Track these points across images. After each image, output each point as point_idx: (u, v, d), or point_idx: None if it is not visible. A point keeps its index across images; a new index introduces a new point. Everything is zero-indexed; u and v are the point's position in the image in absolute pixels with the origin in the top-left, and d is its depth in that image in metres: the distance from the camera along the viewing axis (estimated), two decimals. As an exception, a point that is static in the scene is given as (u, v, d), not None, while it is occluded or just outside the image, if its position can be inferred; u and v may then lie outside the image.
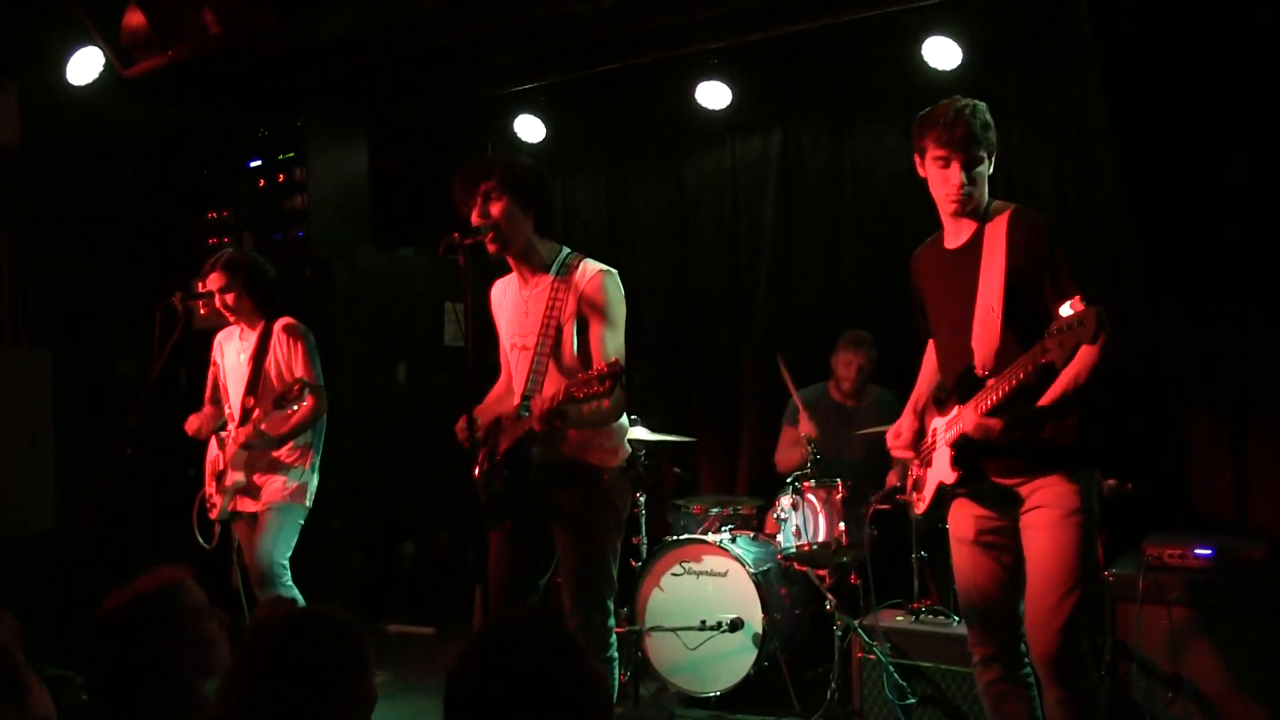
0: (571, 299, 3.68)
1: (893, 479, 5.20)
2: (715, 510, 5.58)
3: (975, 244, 3.32)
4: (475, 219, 3.63)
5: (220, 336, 5.08)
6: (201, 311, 6.64)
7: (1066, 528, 3.17)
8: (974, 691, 4.23)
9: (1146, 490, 4.89)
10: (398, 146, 7.60)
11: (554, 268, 3.75)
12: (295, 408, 4.63)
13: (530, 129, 6.98)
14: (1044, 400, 3.12)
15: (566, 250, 3.81)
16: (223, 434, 4.93)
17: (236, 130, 6.98)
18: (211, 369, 5.06)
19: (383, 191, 7.30)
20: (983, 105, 3.34)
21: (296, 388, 4.55)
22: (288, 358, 4.82)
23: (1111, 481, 4.86)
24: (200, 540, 4.91)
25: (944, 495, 3.44)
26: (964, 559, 3.43)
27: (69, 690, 3.96)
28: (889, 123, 6.19)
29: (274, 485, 4.80)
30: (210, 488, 4.91)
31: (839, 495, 4.92)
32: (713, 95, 6.32)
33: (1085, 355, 3.00)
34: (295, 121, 6.77)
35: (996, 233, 3.27)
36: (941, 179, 3.32)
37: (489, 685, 1.92)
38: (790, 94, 6.54)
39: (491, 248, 3.66)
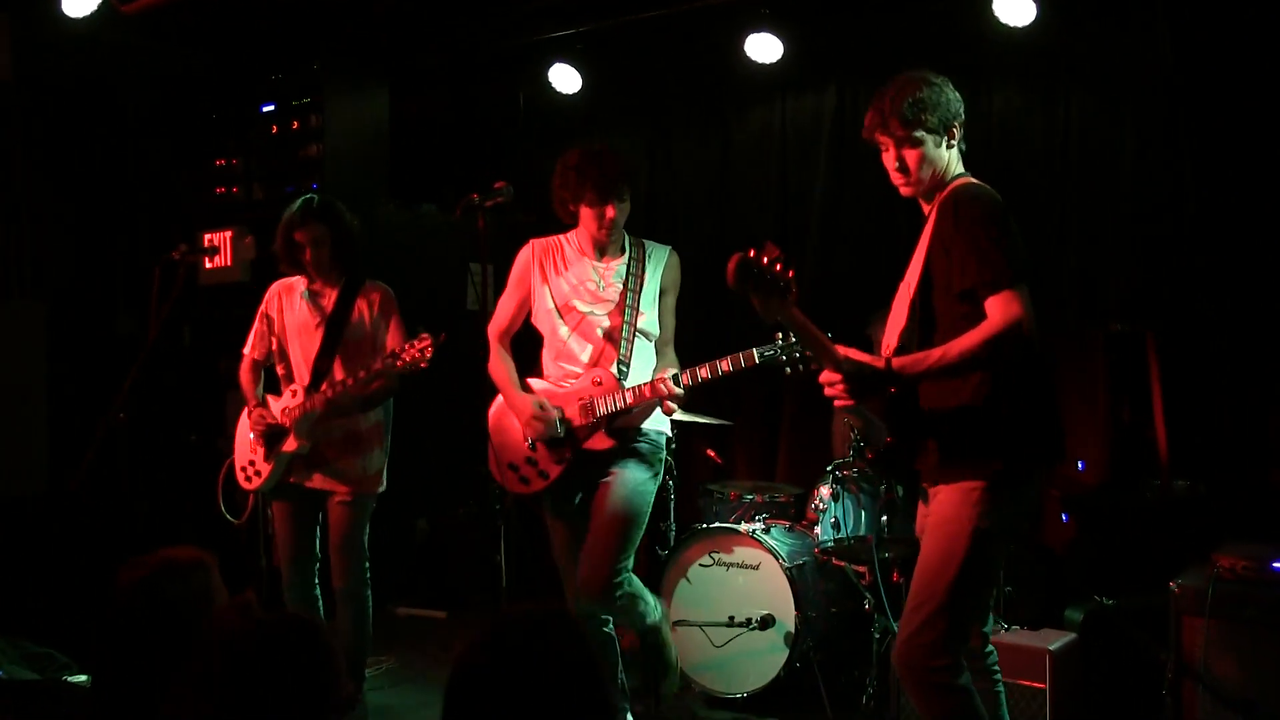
0: (652, 277, 4.29)
1: None
2: (750, 497, 5.52)
3: (925, 220, 3.36)
4: (610, 215, 4.16)
5: (279, 288, 4.86)
6: (206, 266, 6.70)
7: (937, 536, 3.19)
8: (1018, 704, 4.19)
9: (1221, 493, 4.78)
10: (421, 95, 7.55)
11: (626, 249, 4.33)
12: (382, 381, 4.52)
13: (565, 79, 6.91)
14: (901, 359, 3.15)
15: (627, 234, 4.36)
16: (270, 398, 4.80)
17: (249, 72, 6.94)
18: (260, 323, 4.84)
19: (404, 143, 7.26)
20: (931, 81, 3.32)
21: (375, 369, 4.44)
22: (379, 328, 4.73)
23: (1183, 483, 4.77)
24: (227, 515, 4.85)
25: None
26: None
27: (51, 667, 3.99)
28: (955, 84, 6.03)
29: (356, 468, 4.70)
30: (252, 454, 4.77)
31: (883, 486, 4.84)
32: (763, 48, 6.22)
33: (991, 317, 3.05)
34: (312, 64, 6.72)
35: (934, 211, 3.30)
36: (884, 160, 3.40)
37: (497, 680, 1.90)
38: (847, 49, 6.43)
39: (606, 238, 4.23)
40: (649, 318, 4.26)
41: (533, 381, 4.34)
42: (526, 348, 4.45)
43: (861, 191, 6.45)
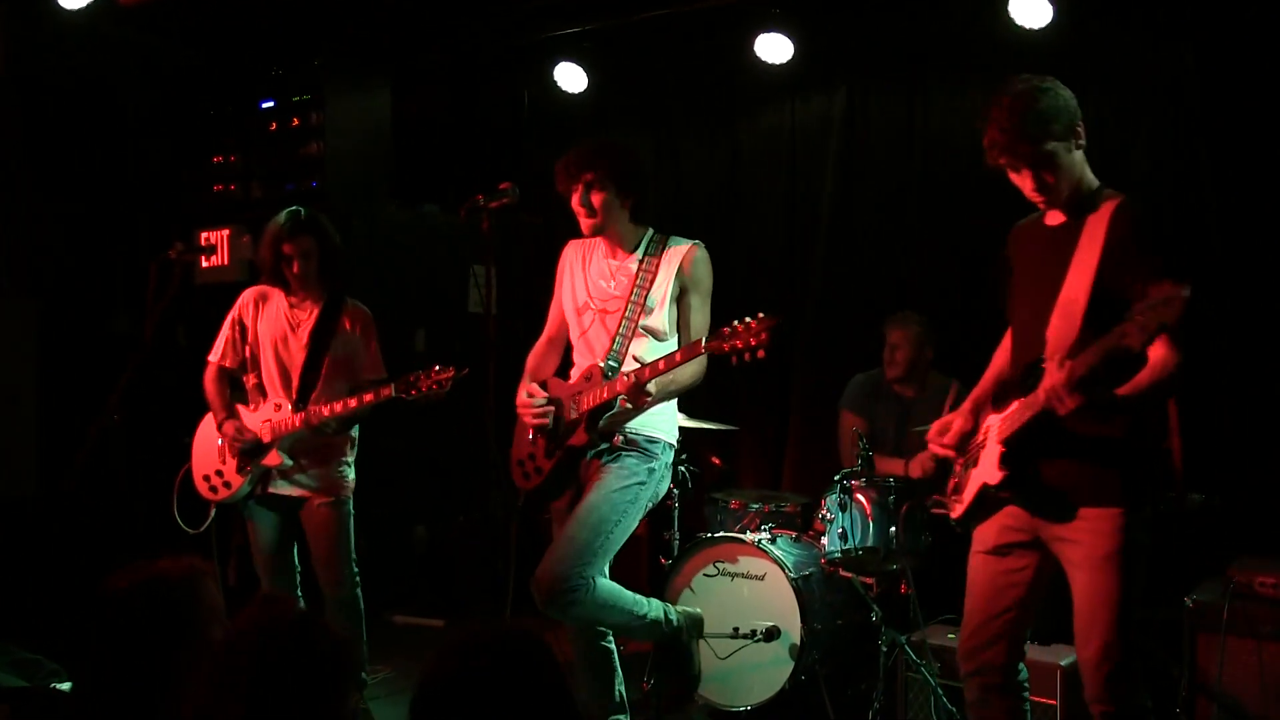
0: (667, 272, 4.13)
1: (915, 469, 5.16)
2: (755, 506, 5.51)
3: (1073, 229, 3.26)
4: (575, 204, 4.14)
5: (253, 295, 4.83)
6: (203, 265, 6.68)
7: (1108, 572, 3.17)
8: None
9: (1236, 506, 4.76)
10: (424, 92, 7.54)
11: (643, 246, 4.20)
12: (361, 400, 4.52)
13: (571, 78, 6.91)
14: (1124, 389, 3.09)
15: (652, 230, 4.26)
16: (240, 408, 4.77)
17: (248, 67, 6.93)
18: (231, 329, 4.81)
19: (407, 142, 7.25)
20: (1044, 88, 3.22)
21: (384, 394, 4.44)
22: (358, 350, 4.74)
23: (1198, 496, 4.74)
24: (181, 524, 4.82)
25: (985, 500, 3.40)
26: (976, 566, 3.46)
27: (38, 674, 3.97)
28: (967, 86, 6.07)
29: (333, 472, 4.70)
30: (220, 464, 4.75)
31: (891, 496, 4.82)
32: (772, 48, 6.22)
33: (1165, 352, 3.07)
34: (313, 61, 6.71)
35: (1098, 224, 3.21)
36: (1016, 181, 3.31)
37: (458, 701, 1.90)
38: (858, 50, 6.44)
39: (586, 227, 4.18)
40: (659, 315, 4.14)
41: (555, 379, 4.36)
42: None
43: (871, 194, 6.45)
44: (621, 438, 4.13)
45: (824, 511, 4.97)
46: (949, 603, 4.80)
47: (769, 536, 5.12)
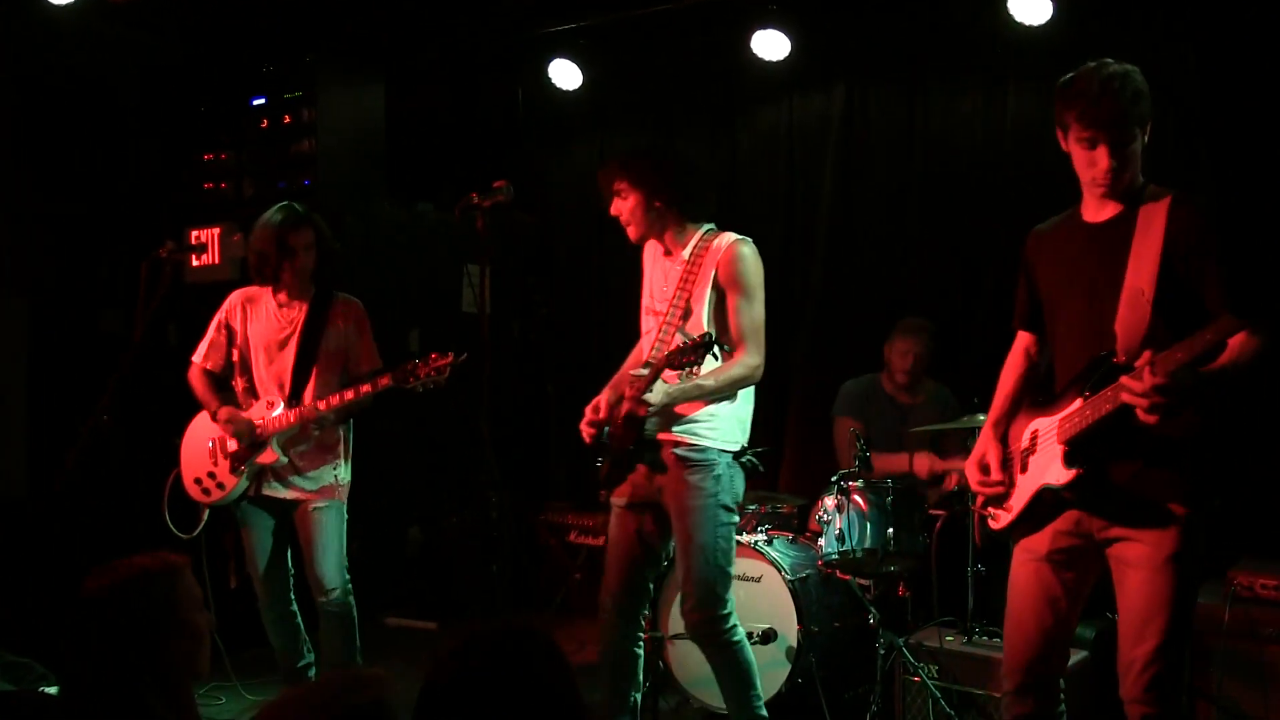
0: (706, 273, 4.04)
1: (952, 481, 5.13)
2: (752, 507, 5.49)
3: (1125, 222, 3.22)
4: (612, 212, 4.16)
5: (240, 298, 4.83)
6: (193, 263, 6.67)
7: (1169, 573, 3.12)
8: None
9: (1237, 507, 4.75)
10: (419, 89, 7.52)
11: (692, 244, 4.12)
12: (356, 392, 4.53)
13: (566, 74, 6.90)
14: (1210, 366, 3.00)
15: (708, 227, 4.17)
16: (231, 409, 4.74)
17: (239, 63, 6.90)
18: (217, 333, 4.82)
19: (401, 139, 7.23)
20: (1134, 70, 3.19)
21: (382, 384, 4.45)
22: (353, 342, 4.74)
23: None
24: (173, 528, 4.80)
25: (1038, 506, 3.33)
26: (1027, 575, 3.38)
27: (28, 678, 3.96)
28: (967, 84, 6.07)
29: (326, 477, 4.70)
30: (211, 465, 4.75)
31: (889, 498, 4.81)
32: (770, 45, 6.22)
33: (1248, 339, 3.02)
34: (305, 57, 6.69)
35: (1153, 217, 3.17)
36: (1087, 160, 3.23)
37: (464, 701, 1.90)
38: (857, 47, 6.44)
39: (630, 236, 4.16)
40: (697, 320, 4.04)
41: None
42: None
43: (871, 193, 6.45)
44: (674, 453, 4.06)
45: (821, 513, 4.96)
46: (947, 605, 4.80)
47: (765, 538, 5.13)
